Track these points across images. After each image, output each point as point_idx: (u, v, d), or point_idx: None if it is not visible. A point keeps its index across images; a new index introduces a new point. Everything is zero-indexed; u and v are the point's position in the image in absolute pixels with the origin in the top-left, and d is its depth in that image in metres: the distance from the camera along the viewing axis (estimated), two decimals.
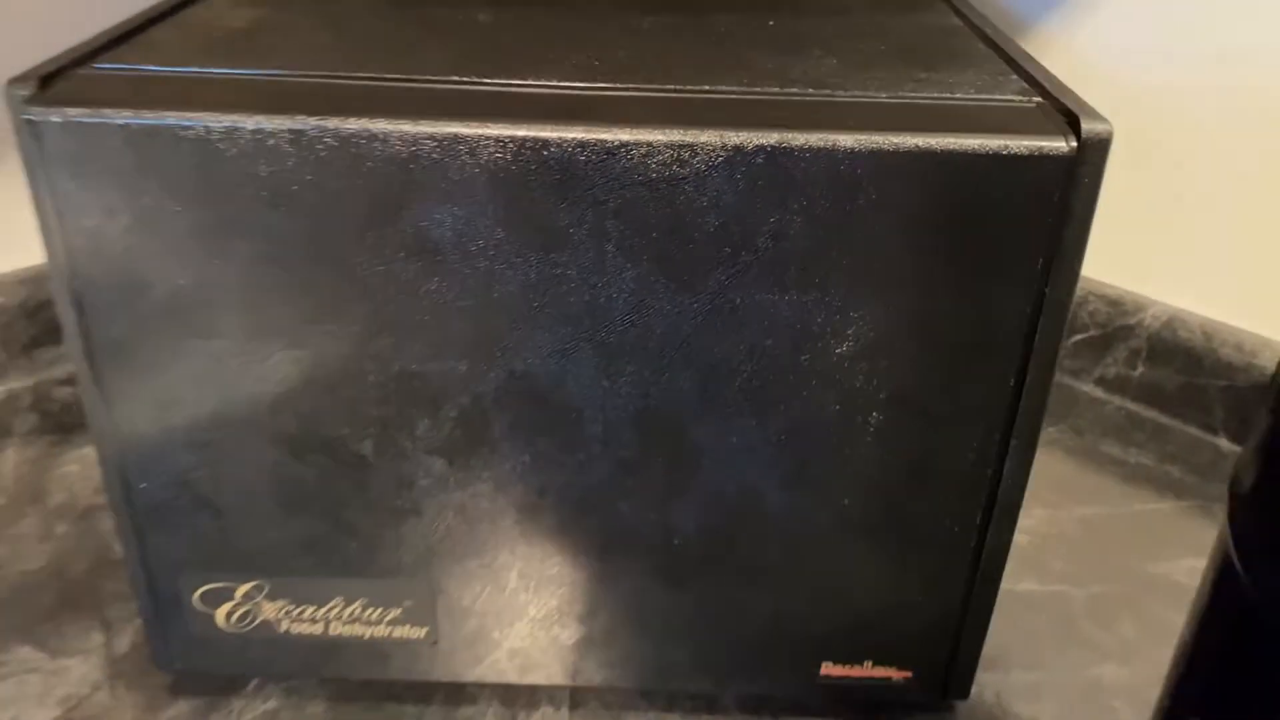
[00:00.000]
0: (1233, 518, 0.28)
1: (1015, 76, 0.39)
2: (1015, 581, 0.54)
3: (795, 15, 0.46)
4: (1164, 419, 0.67)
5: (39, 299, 0.66)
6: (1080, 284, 0.69)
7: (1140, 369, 0.68)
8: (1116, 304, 0.68)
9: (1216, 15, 0.61)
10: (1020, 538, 0.57)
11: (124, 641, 0.49)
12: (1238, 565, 0.27)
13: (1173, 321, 0.66)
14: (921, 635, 0.43)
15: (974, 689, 0.47)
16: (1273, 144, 0.60)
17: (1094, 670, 0.49)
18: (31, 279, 0.66)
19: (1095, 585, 0.54)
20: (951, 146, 0.33)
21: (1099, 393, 0.70)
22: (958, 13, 0.47)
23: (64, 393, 0.67)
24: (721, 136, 0.33)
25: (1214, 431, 0.66)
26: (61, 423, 0.64)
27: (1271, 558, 0.26)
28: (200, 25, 0.41)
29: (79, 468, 0.61)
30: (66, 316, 0.37)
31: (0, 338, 0.66)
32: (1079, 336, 0.70)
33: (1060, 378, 0.71)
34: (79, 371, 0.38)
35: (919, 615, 0.43)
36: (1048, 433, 0.66)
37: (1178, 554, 0.57)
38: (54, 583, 0.52)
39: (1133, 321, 0.68)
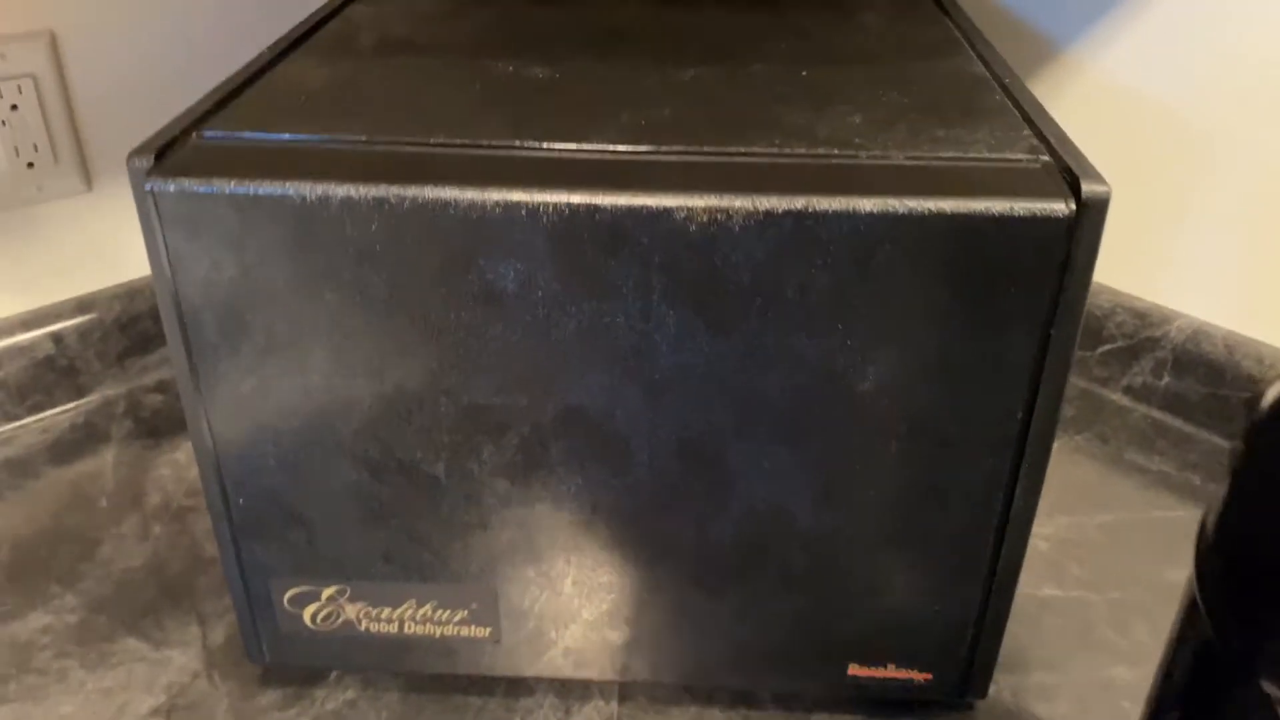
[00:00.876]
0: (1199, 561, 0.31)
1: (1027, 132, 0.42)
2: (1036, 587, 0.58)
3: (826, 64, 0.49)
4: (1188, 428, 0.70)
5: (132, 313, 0.72)
6: (1109, 297, 0.72)
7: (1166, 379, 0.71)
8: (1143, 316, 0.71)
9: (1236, 28, 0.63)
10: (1042, 544, 0.61)
11: (218, 634, 0.54)
12: (1200, 606, 0.31)
13: (1197, 334, 0.69)
14: (941, 641, 0.47)
15: (993, 689, 0.51)
16: None
17: (1107, 672, 0.53)
18: (124, 294, 0.72)
19: (1114, 591, 0.58)
20: (960, 209, 0.37)
21: (1126, 401, 0.73)
22: (981, 59, 0.51)
23: (154, 399, 0.72)
24: (754, 201, 0.37)
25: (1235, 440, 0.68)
26: (153, 427, 0.70)
27: (1229, 602, 0.30)
28: (286, 87, 0.46)
29: (170, 471, 0.66)
30: (177, 356, 0.42)
31: (97, 350, 0.72)
32: (1107, 347, 0.73)
33: (1088, 385, 0.74)
34: (187, 403, 0.43)
35: (938, 623, 0.46)
36: (1074, 440, 0.69)
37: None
38: (153, 579, 0.58)
39: (1159, 334, 0.70)
